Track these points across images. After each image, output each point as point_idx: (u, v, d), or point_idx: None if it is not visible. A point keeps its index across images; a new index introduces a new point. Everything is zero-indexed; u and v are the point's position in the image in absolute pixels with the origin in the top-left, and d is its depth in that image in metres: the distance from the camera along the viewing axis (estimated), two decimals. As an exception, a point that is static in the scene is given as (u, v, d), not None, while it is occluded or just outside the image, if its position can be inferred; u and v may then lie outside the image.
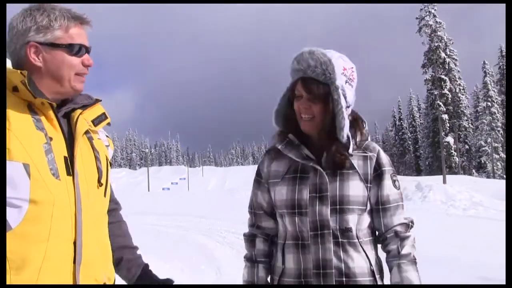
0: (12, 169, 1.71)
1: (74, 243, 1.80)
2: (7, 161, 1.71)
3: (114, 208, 2.29)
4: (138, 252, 2.34)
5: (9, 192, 1.70)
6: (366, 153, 2.28)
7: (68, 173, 1.83)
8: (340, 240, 2.18)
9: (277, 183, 2.31)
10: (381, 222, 2.27)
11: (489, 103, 73.24)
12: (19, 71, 1.80)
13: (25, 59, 1.89)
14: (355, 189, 2.21)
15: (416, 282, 2.16)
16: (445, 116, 56.52)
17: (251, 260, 2.41)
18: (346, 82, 2.23)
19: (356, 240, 2.20)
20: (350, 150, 2.22)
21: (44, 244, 1.72)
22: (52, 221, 1.74)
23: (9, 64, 1.97)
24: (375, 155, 2.28)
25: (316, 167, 2.22)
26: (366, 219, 2.26)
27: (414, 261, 2.21)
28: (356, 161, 2.25)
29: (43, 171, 1.75)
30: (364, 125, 2.35)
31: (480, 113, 74.84)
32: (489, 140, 71.12)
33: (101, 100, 2.09)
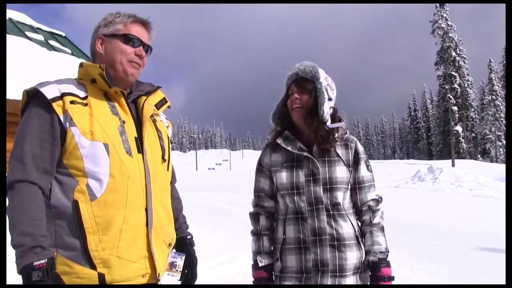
0: (95, 148, 1.76)
1: (146, 209, 1.85)
2: (90, 141, 1.76)
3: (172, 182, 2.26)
4: (186, 223, 2.34)
5: (93, 168, 1.75)
6: (347, 143, 2.46)
7: (139, 151, 1.88)
8: (331, 212, 2.35)
9: (277, 170, 2.45)
10: (358, 198, 2.45)
11: (493, 97, 71.34)
12: (97, 65, 1.86)
13: (95, 50, 1.97)
14: (341, 172, 2.39)
15: (383, 244, 2.38)
16: (455, 108, 55.38)
17: (256, 234, 2.54)
18: (327, 85, 2.45)
19: (344, 212, 2.38)
20: (328, 123, 2.39)
21: (122, 210, 1.77)
22: (128, 191, 1.79)
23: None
24: (354, 145, 2.47)
25: (309, 156, 2.38)
26: (349, 195, 2.45)
27: (382, 229, 2.43)
28: (339, 150, 2.43)
29: (119, 150, 1.81)
30: (343, 121, 2.51)
31: (486, 105, 73.00)
32: (493, 129, 69.35)
33: (161, 87, 2.12)
